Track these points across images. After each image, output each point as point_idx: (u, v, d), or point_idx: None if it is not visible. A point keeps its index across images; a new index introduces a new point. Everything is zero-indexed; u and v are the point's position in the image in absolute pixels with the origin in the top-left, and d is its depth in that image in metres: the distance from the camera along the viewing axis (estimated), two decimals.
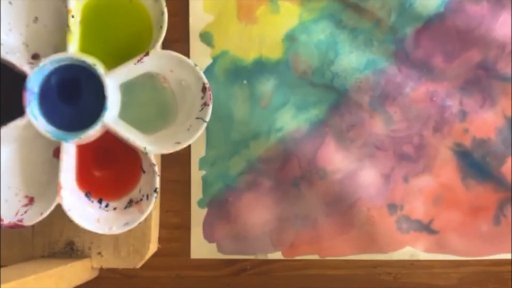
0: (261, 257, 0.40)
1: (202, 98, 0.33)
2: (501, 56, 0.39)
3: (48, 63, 0.33)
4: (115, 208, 0.34)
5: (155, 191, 0.33)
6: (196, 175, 0.40)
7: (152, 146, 0.33)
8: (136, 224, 0.33)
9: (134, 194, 0.34)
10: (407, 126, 0.40)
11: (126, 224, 0.33)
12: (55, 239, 0.37)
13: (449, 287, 0.40)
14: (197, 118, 0.33)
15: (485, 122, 0.40)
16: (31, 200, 0.34)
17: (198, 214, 0.40)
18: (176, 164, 0.40)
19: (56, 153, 0.34)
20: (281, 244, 0.40)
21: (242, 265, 0.41)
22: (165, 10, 0.33)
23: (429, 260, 0.40)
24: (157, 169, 0.33)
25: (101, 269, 0.38)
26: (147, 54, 0.33)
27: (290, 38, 0.40)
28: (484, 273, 0.40)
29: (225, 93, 0.40)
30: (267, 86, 0.40)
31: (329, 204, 0.40)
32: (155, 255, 0.39)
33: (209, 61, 0.40)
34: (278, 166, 0.40)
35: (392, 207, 0.40)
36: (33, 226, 0.36)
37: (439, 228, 0.40)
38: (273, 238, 0.40)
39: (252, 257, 0.40)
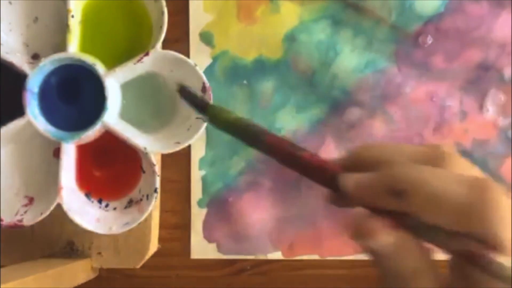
0: (261, 257, 0.40)
1: None
2: (501, 56, 0.39)
3: (48, 63, 0.33)
4: (115, 208, 0.34)
5: (155, 191, 0.33)
6: (196, 175, 0.40)
7: (152, 146, 0.33)
8: (136, 224, 0.33)
9: (134, 194, 0.34)
10: (407, 126, 0.40)
11: (126, 224, 0.33)
12: (55, 239, 0.37)
13: None
14: (197, 118, 0.33)
15: (485, 122, 0.40)
16: (31, 200, 0.34)
17: (198, 214, 0.40)
18: (176, 164, 0.40)
19: (56, 153, 0.34)
20: (281, 244, 0.40)
21: (242, 265, 0.41)
22: (165, 10, 0.33)
23: None
24: (157, 169, 0.33)
25: (101, 269, 0.38)
26: (147, 54, 0.33)
27: (290, 38, 0.40)
28: None
29: (225, 93, 0.40)
30: (267, 86, 0.40)
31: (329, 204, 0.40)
32: (155, 255, 0.39)
33: (209, 61, 0.40)
34: (278, 166, 0.40)
35: None
36: (33, 226, 0.36)
37: None
38: (273, 238, 0.40)
39: (252, 257, 0.40)
